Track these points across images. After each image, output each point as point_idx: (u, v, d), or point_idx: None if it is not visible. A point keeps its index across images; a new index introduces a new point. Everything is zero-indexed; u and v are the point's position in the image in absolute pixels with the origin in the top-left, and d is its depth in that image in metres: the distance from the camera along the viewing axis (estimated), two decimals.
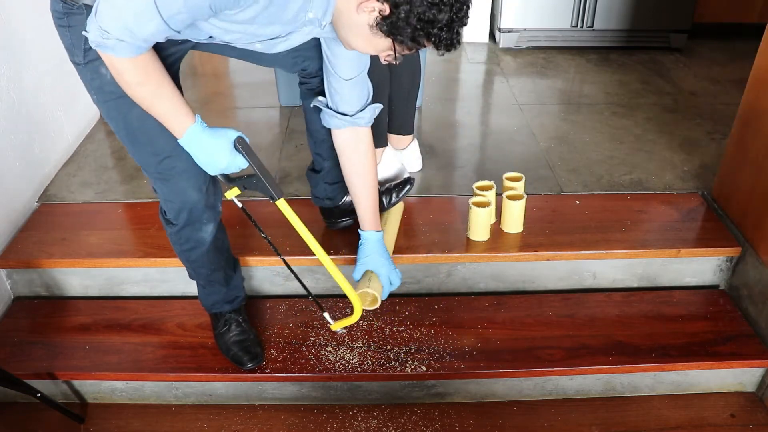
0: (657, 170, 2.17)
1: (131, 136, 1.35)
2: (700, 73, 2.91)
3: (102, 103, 1.32)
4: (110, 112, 1.33)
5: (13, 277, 1.88)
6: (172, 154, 1.35)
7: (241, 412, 1.74)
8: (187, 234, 1.48)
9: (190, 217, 1.45)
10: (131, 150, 1.38)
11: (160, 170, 1.37)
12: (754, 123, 1.77)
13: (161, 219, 1.51)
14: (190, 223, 1.46)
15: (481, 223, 1.80)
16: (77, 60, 1.28)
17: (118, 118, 1.33)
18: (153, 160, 1.36)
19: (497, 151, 2.30)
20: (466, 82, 2.88)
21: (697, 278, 1.92)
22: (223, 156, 1.32)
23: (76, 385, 1.76)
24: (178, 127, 1.28)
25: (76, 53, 1.27)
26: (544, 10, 3.06)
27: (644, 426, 1.70)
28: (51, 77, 2.17)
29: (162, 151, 1.35)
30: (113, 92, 1.27)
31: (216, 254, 1.56)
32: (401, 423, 1.69)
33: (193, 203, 1.42)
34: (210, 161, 1.32)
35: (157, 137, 1.32)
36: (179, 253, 1.56)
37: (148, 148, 1.35)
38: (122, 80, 1.20)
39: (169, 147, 1.33)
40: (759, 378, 1.76)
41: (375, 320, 1.79)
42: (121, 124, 1.33)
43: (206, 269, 1.58)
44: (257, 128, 2.47)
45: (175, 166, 1.36)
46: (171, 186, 1.40)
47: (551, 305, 1.84)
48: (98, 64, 1.25)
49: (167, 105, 1.25)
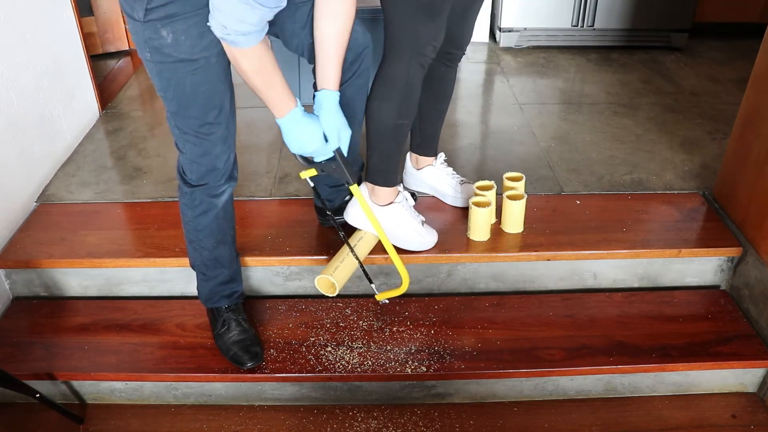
0: (658, 170, 2.16)
1: (180, 98, 1.37)
2: (701, 72, 2.91)
3: (156, 63, 1.32)
4: (163, 73, 1.34)
5: (12, 277, 1.87)
6: (215, 121, 1.41)
7: (240, 412, 1.74)
8: (202, 196, 1.51)
9: (212, 181, 1.49)
10: (173, 110, 1.40)
11: (199, 134, 1.41)
12: (755, 123, 1.77)
13: (178, 179, 1.52)
14: (209, 186, 1.49)
15: (481, 223, 1.80)
16: (136, 16, 1.26)
17: (170, 80, 1.34)
18: (195, 123, 1.40)
19: (497, 151, 2.30)
20: (467, 82, 2.87)
21: (698, 278, 1.91)
22: (315, 142, 1.44)
23: (76, 386, 1.76)
24: (281, 109, 1.40)
25: (136, 8, 1.25)
26: (544, 10, 3.06)
27: (645, 426, 1.69)
28: (50, 77, 2.17)
29: (206, 117, 1.39)
30: (171, 55, 1.29)
31: (224, 222, 1.58)
32: (401, 423, 1.69)
33: (220, 168, 1.47)
34: (300, 144, 1.44)
35: (206, 104, 1.38)
36: (189, 220, 1.56)
37: (193, 112, 1.38)
38: (239, 68, 1.30)
39: (213, 113, 1.40)
40: (760, 378, 1.76)
41: (375, 320, 1.78)
42: (172, 85, 1.35)
43: (212, 239, 1.58)
44: (257, 128, 2.46)
45: (215, 132, 1.42)
46: (204, 149, 1.44)
47: (551, 305, 1.83)
48: (160, 25, 1.26)
49: (275, 90, 1.36)
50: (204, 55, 1.32)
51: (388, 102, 1.58)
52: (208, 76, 1.35)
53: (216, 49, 1.32)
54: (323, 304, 1.83)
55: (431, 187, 1.99)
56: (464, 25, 1.70)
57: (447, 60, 1.76)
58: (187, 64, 1.31)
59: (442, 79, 1.81)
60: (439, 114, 1.89)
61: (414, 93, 1.59)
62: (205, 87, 1.36)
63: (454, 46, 1.73)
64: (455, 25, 1.66)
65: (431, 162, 1.96)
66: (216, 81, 1.37)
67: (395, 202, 1.74)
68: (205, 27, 1.27)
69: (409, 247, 1.77)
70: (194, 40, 1.29)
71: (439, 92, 1.84)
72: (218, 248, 1.60)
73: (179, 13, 1.25)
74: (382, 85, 1.57)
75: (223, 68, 1.38)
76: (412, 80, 1.56)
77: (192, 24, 1.27)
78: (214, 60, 1.34)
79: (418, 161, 1.98)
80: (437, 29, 1.51)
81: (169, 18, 1.25)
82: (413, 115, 1.66)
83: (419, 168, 1.98)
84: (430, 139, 1.93)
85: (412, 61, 1.52)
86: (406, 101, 1.59)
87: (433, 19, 1.48)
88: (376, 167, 1.69)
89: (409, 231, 1.75)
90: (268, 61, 1.32)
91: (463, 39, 1.73)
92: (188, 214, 1.55)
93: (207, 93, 1.37)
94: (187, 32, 1.28)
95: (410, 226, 1.75)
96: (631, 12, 3.04)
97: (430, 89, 1.81)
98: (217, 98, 1.39)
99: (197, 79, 1.34)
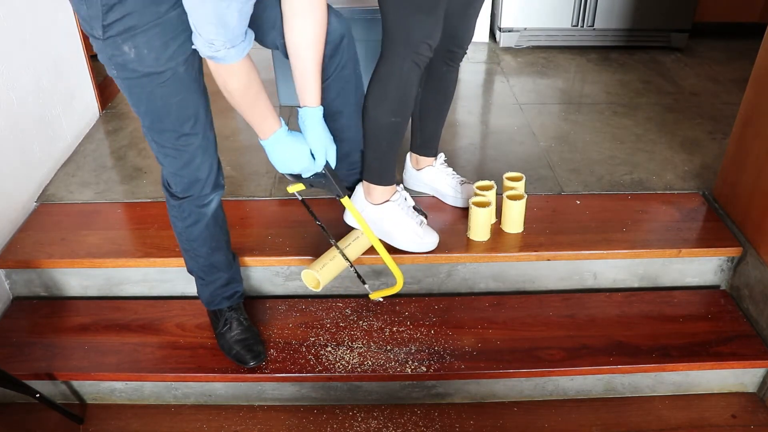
0: (658, 170, 2.16)
1: (153, 112, 1.35)
2: (701, 72, 2.91)
3: (124, 79, 1.30)
4: (133, 89, 1.32)
5: (12, 277, 1.87)
6: (192, 132, 1.38)
7: (240, 412, 1.74)
8: (190, 207, 1.50)
9: (197, 191, 1.47)
10: (148, 125, 1.38)
11: (177, 146, 1.39)
12: (755, 122, 1.77)
13: (164, 192, 1.51)
14: (195, 197, 1.48)
15: (481, 223, 1.80)
16: (96, 34, 1.24)
17: (140, 95, 1.32)
18: (171, 136, 1.38)
19: (497, 151, 2.30)
20: (467, 82, 2.87)
21: (698, 278, 1.91)
22: (301, 162, 1.46)
23: (76, 386, 1.76)
24: (265, 129, 1.40)
25: (95, 26, 1.22)
26: (544, 10, 3.06)
27: (645, 426, 1.69)
28: (50, 77, 2.17)
29: (182, 128, 1.37)
30: (136, 70, 1.27)
31: (216, 229, 1.57)
32: (401, 423, 1.69)
33: (203, 178, 1.46)
34: (287, 164, 1.45)
35: (180, 115, 1.35)
36: (181, 231, 1.56)
37: (168, 125, 1.36)
38: (226, 88, 1.31)
39: (189, 124, 1.37)
40: (760, 378, 1.76)
41: (375, 320, 1.78)
42: (143, 100, 1.33)
43: (207, 248, 1.57)
44: None
45: (192, 143, 1.40)
46: (184, 161, 1.42)
47: (552, 305, 1.83)
48: (120, 41, 1.23)
49: (260, 110, 1.37)
50: (170, 65, 1.28)
51: (382, 100, 1.58)
52: (178, 86, 1.32)
53: (182, 58, 1.29)
54: (323, 304, 1.83)
55: (431, 188, 1.99)
56: (465, 24, 1.70)
57: (448, 59, 1.75)
58: (155, 77, 1.28)
59: (443, 79, 1.80)
60: (440, 114, 1.89)
61: (409, 92, 1.59)
62: (177, 98, 1.32)
63: (456, 45, 1.73)
64: (456, 23, 1.66)
65: (431, 162, 1.96)
66: (188, 90, 1.34)
67: (390, 200, 1.73)
68: (168, 36, 1.24)
69: (406, 248, 1.76)
70: (158, 52, 1.25)
71: (440, 92, 1.84)
72: (213, 255, 1.60)
73: (138, 26, 1.21)
74: (377, 82, 1.57)
75: (193, 77, 1.34)
76: (407, 78, 1.55)
77: (153, 36, 1.23)
78: (182, 69, 1.30)
79: (418, 161, 1.98)
80: (432, 27, 1.51)
81: (129, 32, 1.22)
82: (408, 114, 1.65)
83: (419, 168, 1.98)
84: (431, 139, 1.92)
85: (406, 59, 1.52)
86: (400, 99, 1.58)
87: (428, 17, 1.48)
88: (371, 166, 1.69)
89: (405, 231, 1.74)
90: (254, 78, 1.33)
91: (465, 37, 1.73)
92: (179, 225, 1.55)
93: (179, 104, 1.33)
94: (149, 44, 1.24)
95: (407, 226, 1.74)
96: (631, 12, 3.04)
97: (431, 88, 1.81)
98: (191, 108, 1.36)
99: (167, 91, 1.30)
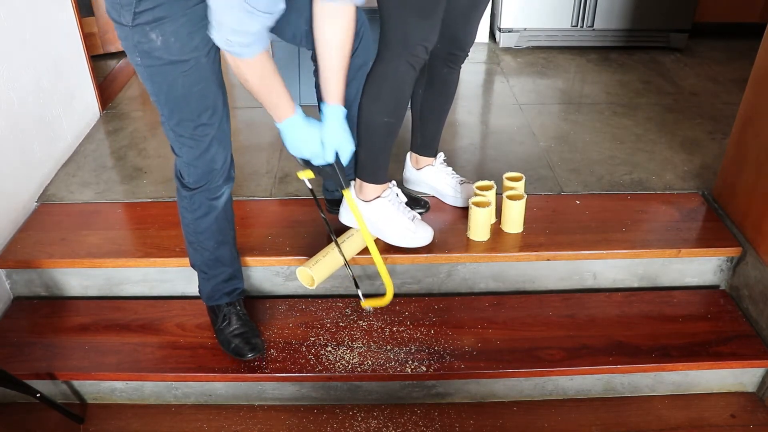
0: (657, 170, 2.17)
1: (173, 101, 1.37)
2: (700, 72, 2.91)
3: (147, 67, 1.32)
4: (155, 77, 1.34)
5: (12, 277, 1.88)
6: (209, 122, 1.40)
7: (240, 412, 1.74)
8: (201, 198, 1.51)
9: (210, 182, 1.48)
10: (167, 114, 1.39)
11: (194, 135, 1.41)
12: (755, 123, 1.77)
13: (177, 183, 1.52)
14: (208, 188, 1.49)
15: (481, 223, 1.80)
16: (123, 21, 1.26)
17: (162, 83, 1.34)
18: (189, 125, 1.40)
19: (497, 151, 2.30)
20: (467, 82, 2.87)
21: (698, 278, 1.91)
22: (311, 147, 1.48)
23: (76, 386, 1.76)
24: (281, 114, 1.42)
25: (124, 14, 1.25)
26: (544, 10, 3.06)
27: (644, 426, 1.69)
28: (50, 77, 2.17)
29: (200, 118, 1.39)
30: (161, 57, 1.29)
31: (225, 223, 1.58)
32: (401, 423, 1.69)
33: (217, 168, 1.47)
34: (296, 147, 1.48)
35: (199, 105, 1.37)
36: (189, 223, 1.56)
37: (186, 114, 1.38)
38: (241, 76, 1.32)
39: (207, 114, 1.39)
40: (759, 378, 1.76)
41: (375, 320, 1.78)
42: (164, 89, 1.35)
43: (213, 241, 1.58)
44: (257, 128, 2.46)
45: (209, 133, 1.42)
46: (201, 151, 1.43)
47: (551, 305, 1.83)
48: (149, 28, 1.25)
49: (275, 96, 1.39)
50: (194, 55, 1.31)
51: (376, 100, 1.58)
52: (200, 76, 1.35)
53: (206, 49, 1.32)
54: (323, 304, 1.83)
55: (431, 187, 1.99)
56: (467, 27, 1.70)
57: (450, 61, 1.76)
58: (178, 66, 1.31)
59: (445, 80, 1.81)
60: (441, 115, 1.89)
61: (403, 93, 1.59)
62: (198, 87, 1.35)
63: (458, 48, 1.73)
64: (458, 26, 1.66)
65: (431, 162, 1.97)
66: (208, 81, 1.37)
67: (381, 196, 1.72)
68: (194, 27, 1.27)
69: (399, 244, 1.75)
70: (184, 41, 1.28)
71: (441, 93, 1.84)
72: (219, 249, 1.61)
73: (168, 16, 1.25)
74: (372, 82, 1.58)
75: (214, 68, 1.38)
76: (402, 79, 1.56)
77: (181, 25, 1.26)
78: (204, 60, 1.33)
79: (418, 161, 1.98)
80: (430, 30, 1.51)
81: (158, 21, 1.25)
82: (402, 115, 1.65)
83: (419, 168, 1.98)
84: (431, 139, 1.93)
85: (401, 61, 1.52)
86: (394, 100, 1.59)
87: (425, 19, 1.48)
88: (364, 164, 1.69)
89: (398, 227, 1.74)
90: (269, 68, 1.34)
91: (467, 40, 1.73)
92: (188, 217, 1.55)
93: (199, 93, 1.36)
94: (177, 34, 1.27)
95: (399, 221, 1.74)
96: (631, 12, 3.05)
97: (432, 90, 1.81)
98: (210, 98, 1.39)
99: (189, 80, 1.33)
